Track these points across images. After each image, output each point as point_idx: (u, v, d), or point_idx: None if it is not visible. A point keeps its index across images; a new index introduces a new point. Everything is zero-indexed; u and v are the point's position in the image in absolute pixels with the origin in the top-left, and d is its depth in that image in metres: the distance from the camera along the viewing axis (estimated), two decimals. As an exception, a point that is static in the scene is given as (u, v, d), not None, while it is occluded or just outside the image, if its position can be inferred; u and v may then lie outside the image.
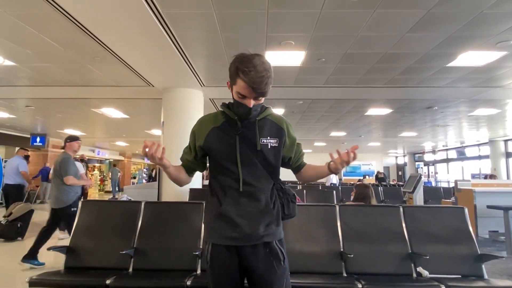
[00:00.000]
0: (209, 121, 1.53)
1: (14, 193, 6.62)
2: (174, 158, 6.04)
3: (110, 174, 18.93)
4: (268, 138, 1.48)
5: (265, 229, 1.45)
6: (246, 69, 1.31)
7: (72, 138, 4.47)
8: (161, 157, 1.36)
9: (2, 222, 5.67)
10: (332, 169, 1.51)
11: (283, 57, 4.75)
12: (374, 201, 3.55)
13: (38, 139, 12.95)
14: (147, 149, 1.32)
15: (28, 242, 4.91)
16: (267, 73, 1.33)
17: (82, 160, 9.11)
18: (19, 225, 5.71)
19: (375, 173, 17.33)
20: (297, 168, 1.66)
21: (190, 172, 1.62)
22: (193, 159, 1.58)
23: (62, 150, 4.46)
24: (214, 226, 1.47)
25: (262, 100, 1.44)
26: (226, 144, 1.46)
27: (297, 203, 1.61)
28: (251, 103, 1.39)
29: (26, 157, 7.16)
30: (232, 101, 1.50)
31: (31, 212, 5.98)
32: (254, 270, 1.45)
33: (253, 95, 1.37)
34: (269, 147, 1.47)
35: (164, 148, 1.36)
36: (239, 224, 1.42)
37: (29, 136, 12.93)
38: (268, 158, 1.47)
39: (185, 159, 1.61)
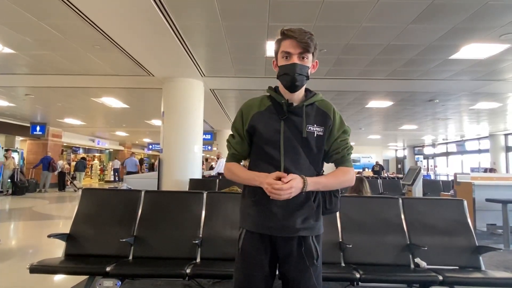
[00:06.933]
0: (253, 105, 1.46)
1: None
2: (173, 148, 6.02)
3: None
4: (315, 126, 1.40)
5: (302, 223, 1.37)
6: (290, 29, 1.37)
7: None
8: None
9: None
10: None
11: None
12: (368, 193, 3.57)
13: (38, 128, 12.93)
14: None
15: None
16: (309, 32, 1.37)
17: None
18: None
19: (373, 166, 17.38)
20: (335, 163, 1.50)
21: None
22: (248, 148, 1.49)
23: None
24: (250, 212, 1.42)
25: (308, 62, 1.37)
26: (270, 128, 1.39)
27: None
28: (296, 59, 1.35)
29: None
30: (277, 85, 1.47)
31: None
32: (285, 264, 1.39)
33: (298, 49, 1.34)
34: (315, 135, 1.39)
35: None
36: (275, 214, 1.36)
37: (29, 125, 12.89)
38: (312, 147, 1.40)
39: (239, 156, 1.51)
